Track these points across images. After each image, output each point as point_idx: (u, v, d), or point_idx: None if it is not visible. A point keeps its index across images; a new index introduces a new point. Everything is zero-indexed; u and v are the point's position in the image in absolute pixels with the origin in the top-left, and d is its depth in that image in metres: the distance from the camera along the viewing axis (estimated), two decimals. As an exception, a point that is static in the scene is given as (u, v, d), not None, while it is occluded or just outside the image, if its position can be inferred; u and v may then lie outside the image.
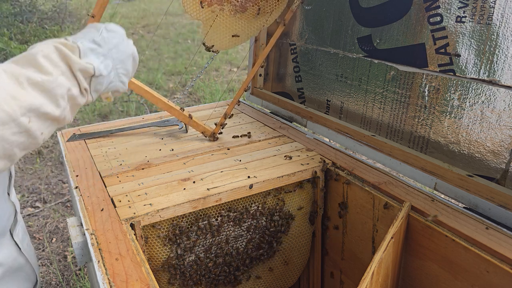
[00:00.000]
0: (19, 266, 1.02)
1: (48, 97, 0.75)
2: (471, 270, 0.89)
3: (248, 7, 1.25)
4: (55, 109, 0.77)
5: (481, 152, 1.06)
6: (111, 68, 0.89)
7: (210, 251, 1.15)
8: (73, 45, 0.82)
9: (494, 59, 0.99)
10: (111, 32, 0.91)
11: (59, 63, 0.79)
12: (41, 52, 0.77)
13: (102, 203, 1.03)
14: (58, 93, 0.77)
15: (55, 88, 0.76)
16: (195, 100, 4.81)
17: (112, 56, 0.89)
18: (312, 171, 1.22)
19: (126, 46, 0.93)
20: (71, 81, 0.80)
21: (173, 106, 1.35)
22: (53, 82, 0.76)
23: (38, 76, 0.74)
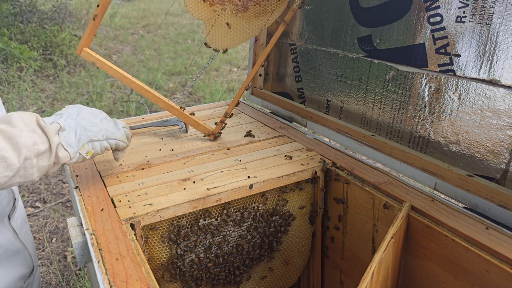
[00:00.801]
0: (16, 250, 1.06)
1: (10, 144, 0.82)
2: (471, 270, 0.89)
3: (250, 6, 1.25)
4: (16, 156, 0.83)
5: (481, 152, 1.06)
6: (75, 125, 0.99)
7: (210, 251, 1.15)
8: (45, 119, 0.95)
9: (494, 59, 0.99)
10: (70, 108, 1.03)
11: (31, 123, 0.89)
12: (17, 114, 0.88)
13: (102, 203, 1.03)
14: (21, 142, 0.84)
15: (18, 137, 0.84)
16: (195, 100, 4.81)
17: (73, 118, 1.00)
18: (312, 171, 1.22)
19: (89, 113, 1.04)
20: (40, 137, 0.89)
21: (173, 105, 1.35)
22: (17, 132, 0.84)
23: (5, 127, 0.84)
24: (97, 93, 4.83)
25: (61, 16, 6.26)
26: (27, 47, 5.27)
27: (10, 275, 1.05)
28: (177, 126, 1.52)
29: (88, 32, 1.20)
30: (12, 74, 4.85)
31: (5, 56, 5.02)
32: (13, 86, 4.71)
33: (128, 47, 6.96)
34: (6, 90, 4.60)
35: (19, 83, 4.76)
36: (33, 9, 6.00)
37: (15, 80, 4.80)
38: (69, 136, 0.95)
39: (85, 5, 7.48)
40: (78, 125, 0.99)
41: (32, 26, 5.61)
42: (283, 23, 1.35)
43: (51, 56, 5.54)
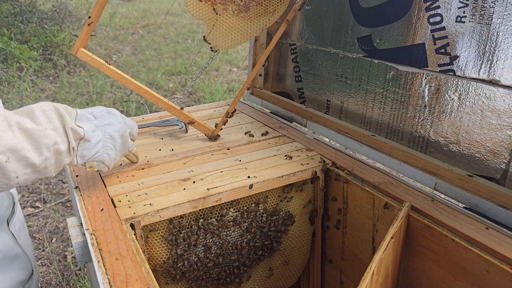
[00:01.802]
0: (15, 255, 1.05)
1: (32, 143, 0.81)
2: (471, 270, 0.89)
3: (251, 6, 1.25)
4: (36, 156, 0.81)
5: (481, 152, 1.06)
6: (100, 139, 0.96)
7: (210, 251, 1.15)
8: (72, 110, 0.92)
9: (494, 59, 0.99)
10: (110, 114, 1.00)
11: (54, 119, 0.86)
12: (40, 107, 0.84)
13: (102, 203, 1.03)
14: (43, 143, 0.82)
15: (41, 137, 0.82)
16: (195, 100, 4.81)
17: (103, 130, 0.97)
18: (312, 171, 1.22)
19: (119, 127, 1.01)
20: (61, 136, 0.87)
21: (173, 105, 1.35)
22: (41, 132, 0.82)
23: (28, 124, 0.81)
24: (97, 93, 4.83)
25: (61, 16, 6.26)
26: (27, 47, 5.28)
27: (9, 281, 1.04)
28: (177, 126, 1.52)
29: (84, 34, 1.20)
30: (12, 74, 4.85)
31: (5, 56, 5.02)
32: (13, 86, 4.72)
33: (128, 47, 6.96)
34: (6, 90, 4.60)
35: (19, 83, 4.76)
36: (33, 9, 6.00)
37: (15, 80, 4.80)
38: (88, 149, 0.94)
39: (85, 5, 7.48)
40: (103, 140, 0.97)
41: (32, 26, 5.61)
42: (285, 22, 1.35)
43: (51, 56, 5.54)
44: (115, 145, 1.00)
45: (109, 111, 1.01)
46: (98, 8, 1.16)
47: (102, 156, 0.98)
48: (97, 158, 0.97)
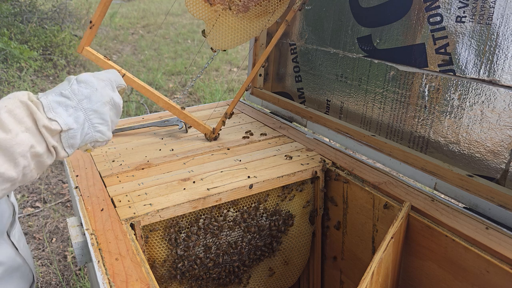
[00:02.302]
0: (17, 266, 1.03)
1: (4, 156, 0.72)
2: (471, 270, 0.89)
3: (251, 6, 1.25)
4: (12, 169, 0.73)
5: (481, 152, 1.06)
6: (83, 120, 0.85)
7: (210, 251, 1.15)
8: (37, 100, 0.79)
9: (494, 59, 0.99)
10: (82, 83, 0.86)
11: (24, 118, 0.75)
12: (5, 108, 0.73)
13: (102, 203, 1.03)
14: (17, 152, 0.73)
15: (13, 146, 0.72)
16: (195, 100, 4.81)
17: (83, 107, 0.85)
18: (312, 171, 1.22)
19: (100, 95, 0.88)
20: (36, 137, 0.76)
21: (173, 105, 1.35)
22: (11, 140, 0.72)
23: None
24: (97, 93, 4.82)
25: (61, 16, 6.26)
26: (27, 47, 5.27)
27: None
28: (177, 126, 1.52)
29: (87, 34, 1.22)
30: (12, 74, 4.85)
31: (5, 56, 5.02)
32: (13, 86, 4.71)
33: (128, 47, 6.96)
34: (6, 90, 4.60)
35: (19, 83, 4.76)
36: (33, 9, 6.00)
37: (15, 80, 4.80)
38: (74, 137, 0.83)
39: (85, 5, 7.48)
40: (87, 120, 0.85)
41: (32, 26, 5.61)
42: (284, 23, 1.35)
43: (51, 56, 5.54)
44: (104, 117, 0.88)
45: (79, 82, 0.86)
46: (99, 12, 1.17)
47: (93, 137, 0.88)
48: (89, 140, 0.88)
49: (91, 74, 0.89)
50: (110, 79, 0.93)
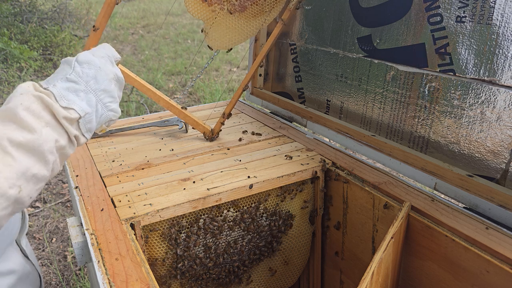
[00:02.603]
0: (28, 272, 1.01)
1: (34, 156, 0.69)
2: (471, 270, 0.89)
3: (247, 6, 1.25)
4: (44, 168, 0.71)
5: (481, 152, 1.06)
6: (96, 101, 0.82)
7: (210, 251, 1.15)
8: (46, 90, 0.76)
9: (494, 59, 0.99)
10: (84, 63, 0.83)
11: (42, 112, 0.72)
12: (21, 106, 0.70)
13: (102, 203, 1.03)
14: (46, 149, 0.71)
15: (41, 145, 0.70)
16: (195, 100, 4.81)
17: (92, 89, 0.82)
18: (312, 171, 1.22)
19: (104, 73, 0.85)
20: (57, 130, 0.74)
21: (174, 104, 1.35)
22: (39, 139, 0.70)
23: (20, 135, 0.68)
24: (97, 93, 4.82)
25: (61, 16, 6.26)
26: (27, 47, 5.27)
27: None
28: (177, 126, 1.52)
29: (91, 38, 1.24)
30: (12, 74, 4.85)
31: (5, 56, 5.02)
32: (13, 86, 4.71)
33: (128, 47, 6.96)
34: (6, 90, 4.60)
35: (19, 83, 4.76)
36: (33, 9, 6.00)
37: (15, 80, 4.80)
38: (91, 121, 0.81)
39: (85, 5, 7.48)
40: (98, 100, 0.83)
41: (32, 26, 5.61)
42: (280, 22, 1.36)
43: (51, 56, 5.54)
44: (113, 94, 0.86)
45: (81, 63, 0.83)
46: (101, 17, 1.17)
47: (107, 116, 0.86)
48: (104, 120, 0.86)
49: (89, 52, 0.86)
50: (107, 54, 0.90)
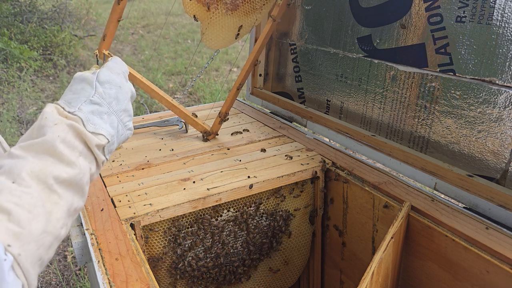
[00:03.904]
0: None
1: (75, 190, 0.69)
2: (471, 270, 0.89)
3: (239, 4, 1.25)
4: (81, 200, 0.71)
5: (481, 152, 1.06)
6: (117, 123, 0.81)
7: (210, 251, 1.15)
8: (73, 116, 0.74)
9: (494, 59, 0.99)
10: (106, 83, 0.81)
11: (75, 143, 0.71)
12: (58, 139, 0.69)
13: (102, 203, 1.03)
14: (85, 182, 0.71)
15: (82, 178, 0.70)
16: (195, 100, 4.81)
17: (114, 110, 0.81)
18: (312, 171, 1.22)
19: (125, 92, 0.84)
20: (88, 158, 0.73)
21: (174, 103, 1.36)
22: (80, 173, 0.69)
23: (63, 172, 0.67)
24: (97, 93, 4.81)
25: (61, 16, 6.26)
26: (27, 47, 5.27)
27: None
28: (177, 126, 1.52)
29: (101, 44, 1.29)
30: (12, 74, 4.85)
31: (5, 56, 5.02)
32: (13, 86, 4.71)
33: (128, 47, 6.96)
34: (6, 90, 4.60)
35: (19, 83, 4.76)
36: (33, 9, 6.00)
37: (15, 80, 4.80)
38: (113, 142, 0.80)
39: (85, 5, 7.47)
40: (119, 121, 0.82)
41: (32, 26, 5.61)
42: (269, 20, 1.35)
43: (51, 56, 5.53)
44: (131, 113, 0.86)
45: (102, 83, 0.81)
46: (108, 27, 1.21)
47: (126, 136, 0.85)
48: (122, 140, 0.85)
49: (107, 69, 0.85)
50: (122, 70, 0.89)
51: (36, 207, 0.60)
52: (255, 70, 1.78)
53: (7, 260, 0.53)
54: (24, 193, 0.60)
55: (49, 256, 0.63)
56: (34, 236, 0.59)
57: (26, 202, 0.60)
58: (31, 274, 0.57)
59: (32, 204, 0.60)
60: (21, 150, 0.67)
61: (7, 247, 0.55)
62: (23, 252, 0.56)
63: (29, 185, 0.62)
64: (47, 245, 0.62)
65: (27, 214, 0.59)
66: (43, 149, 0.67)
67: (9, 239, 0.55)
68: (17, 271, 0.55)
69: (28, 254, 0.57)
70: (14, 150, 0.67)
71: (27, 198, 0.60)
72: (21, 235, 0.57)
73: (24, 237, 0.57)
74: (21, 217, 0.58)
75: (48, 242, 0.62)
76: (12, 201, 0.58)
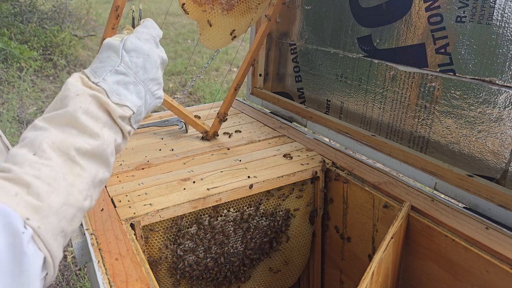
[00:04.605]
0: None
1: (100, 162, 0.68)
2: (471, 270, 0.89)
3: (234, 4, 1.25)
4: (107, 170, 0.70)
5: (481, 152, 1.06)
6: (144, 92, 0.78)
7: (210, 251, 1.15)
8: (97, 87, 0.72)
9: (494, 59, 0.99)
10: (132, 52, 0.77)
11: (99, 113, 0.70)
12: (80, 109, 0.67)
13: (102, 203, 1.03)
14: (109, 152, 0.70)
15: (105, 149, 0.69)
16: (195, 100, 4.81)
17: (141, 80, 0.78)
18: (312, 171, 1.22)
19: (153, 60, 0.80)
20: (113, 129, 0.72)
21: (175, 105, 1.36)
22: (103, 144, 0.68)
23: (86, 143, 0.66)
24: (97, 93, 4.81)
25: (61, 16, 6.26)
26: (27, 47, 5.27)
27: None
28: (177, 126, 1.52)
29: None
30: (12, 74, 4.85)
31: (5, 56, 5.02)
32: (13, 86, 4.71)
33: (128, 47, 6.95)
34: (6, 90, 4.60)
35: (19, 83, 4.76)
36: (33, 9, 6.00)
37: (15, 80, 4.80)
38: (140, 113, 0.78)
39: (85, 5, 7.47)
40: (147, 91, 0.79)
41: (32, 26, 5.61)
42: (265, 19, 1.35)
43: (51, 56, 5.53)
44: (159, 81, 0.82)
45: (128, 51, 0.77)
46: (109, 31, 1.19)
47: (154, 105, 0.82)
48: (151, 109, 0.82)
49: (135, 36, 0.80)
50: (152, 35, 0.83)
51: (56, 180, 0.60)
52: (255, 70, 1.78)
53: (25, 233, 0.54)
54: (44, 166, 0.60)
55: (74, 228, 0.64)
56: (54, 209, 0.58)
57: (45, 175, 0.59)
58: (53, 246, 0.58)
59: (52, 176, 0.60)
60: (44, 122, 0.66)
61: (26, 221, 0.54)
62: (42, 225, 0.56)
63: (50, 157, 0.61)
64: (70, 217, 0.61)
65: (47, 187, 0.58)
66: (65, 120, 0.66)
67: (28, 212, 0.55)
68: (38, 244, 0.56)
69: (48, 227, 0.57)
70: (38, 121, 0.66)
71: (47, 171, 0.60)
72: (40, 208, 0.57)
73: (44, 210, 0.57)
74: (40, 190, 0.57)
75: (71, 214, 0.61)
76: (31, 174, 0.58)
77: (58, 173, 0.61)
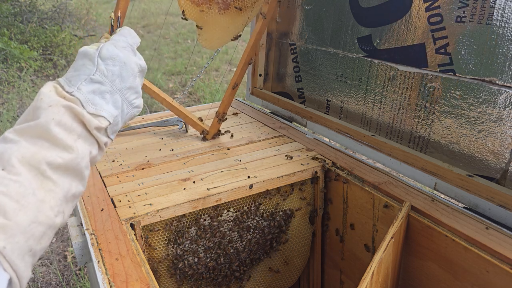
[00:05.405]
0: None
1: (73, 176, 0.65)
2: (471, 270, 0.89)
3: (230, 3, 1.26)
4: (81, 184, 0.67)
5: (481, 152, 1.06)
6: (121, 102, 0.75)
7: (210, 251, 1.15)
8: (71, 96, 0.68)
9: (494, 59, 0.99)
10: (108, 60, 0.74)
11: (73, 125, 0.66)
12: (53, 121, 0.64)
13: (102, 203, 1.03)
14: (83, 166, 0.67)
15: (80, 163, 0.66)
16: (195, 100, 4.81)
17: (117, 88, 0.74)
18: (312, 171, 1.22)
19: (130, 68, 0.77)
20: (88, 141, 0.69)
21: (176, 105, 1.36)
22: (77, 158, 0.65)
23: (58, 157, 0.63)
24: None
25: (61, 16, 6.26)
26: (27, 47, 5.27)
27: None
28: (177, 126, 1.52)
29: None
30: (12, 74, 4.85)
31: (5, 56, 5.02)
32: (13, 86, 4.71)
33: (128, 47, 6.95)
34: (6, 90, 4.60)
35: (19, 83, 4.76)
36: (33, 9, 6.00)
37: (15, 80, 4.80)
38: (117, 123, 0.75)
39: (85, 5, 7.47)
40: (124, 100, 0.76)
41: (32, 26, 5.61)
42: (260, 17, 1.35)
43: (51, 56, 5.53)
44: (137, 89, 0.79)
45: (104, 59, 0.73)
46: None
47: (132, 114, 0.80)
48: (128, 119, 0.79)
49: (111, 43, 0.77)
50: (129, 43, 0.80)
51: (25, 197, 0.57)
52: (255, 70, 1.79)
53: None
54: (13, 182, 0.57)
55: (43, 246, 0.61)
56: (21, 227, 0.56)
57: (13, 191, 0.56)
58: (19, 266, 0.55)
59: (20, 193, 0.57)
60: (15, 134, 0.63)
61: None
62: (8, 244, 0.54)
63: (19, 172, 0.58)
64: (38, 235, 0.58)
65: (14, 204, 0.56)
66: (37, 132, 0.63)
67: None
68: (3, 265, 0.53)
69: (15, 246, 0.55)
70: (8, 133, 0.63)
71: (15, 187, 0.57)
72: (7, 227, 0.54)
73: (10, 229, 0.54)
74: (7, 207, 0.55)
75: (40, 232, 0.59)
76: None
77: (27, 189, 0.58)
